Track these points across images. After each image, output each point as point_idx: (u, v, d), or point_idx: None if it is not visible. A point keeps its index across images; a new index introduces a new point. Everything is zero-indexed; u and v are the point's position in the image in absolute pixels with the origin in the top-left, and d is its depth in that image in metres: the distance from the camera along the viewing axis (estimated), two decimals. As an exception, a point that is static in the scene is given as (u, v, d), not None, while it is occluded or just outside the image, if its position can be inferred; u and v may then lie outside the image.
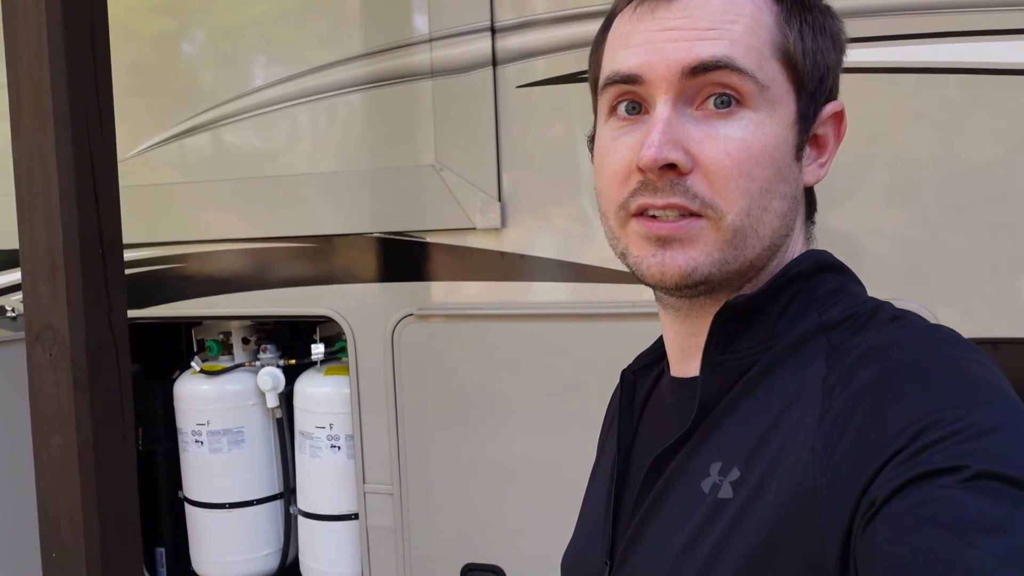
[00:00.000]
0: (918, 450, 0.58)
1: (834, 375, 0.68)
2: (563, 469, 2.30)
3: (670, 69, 0.73)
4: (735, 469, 0.71)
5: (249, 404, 2.82)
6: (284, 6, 2.60)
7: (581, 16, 2.19)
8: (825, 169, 0.80)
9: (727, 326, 0.77)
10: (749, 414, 0.73)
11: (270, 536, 2.87)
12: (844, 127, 0.81)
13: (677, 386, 0.84)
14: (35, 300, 1.80)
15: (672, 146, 0.72)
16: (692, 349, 0.81)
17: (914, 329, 0.72)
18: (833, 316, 0.75)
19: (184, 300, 2.76)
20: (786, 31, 0.75)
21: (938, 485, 0.56)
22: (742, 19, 0.74)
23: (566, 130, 2.30)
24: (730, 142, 0.72)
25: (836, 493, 0.62)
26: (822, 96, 0.78)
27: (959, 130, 1.98)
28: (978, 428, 0.58)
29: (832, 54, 0.79)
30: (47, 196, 1.77)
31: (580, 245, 2.27)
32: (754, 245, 0.75)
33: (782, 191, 0.76)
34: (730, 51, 0.72)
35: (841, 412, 0.65)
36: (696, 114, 0.74)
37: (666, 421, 0.83)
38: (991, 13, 1.87)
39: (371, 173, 2.47)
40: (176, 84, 2.76)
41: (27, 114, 1.77)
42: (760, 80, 0.73)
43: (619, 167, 0.76)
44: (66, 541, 1.81)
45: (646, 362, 0.92)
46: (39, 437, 1.82)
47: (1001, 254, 1.94)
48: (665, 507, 0.76)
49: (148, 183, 2.69)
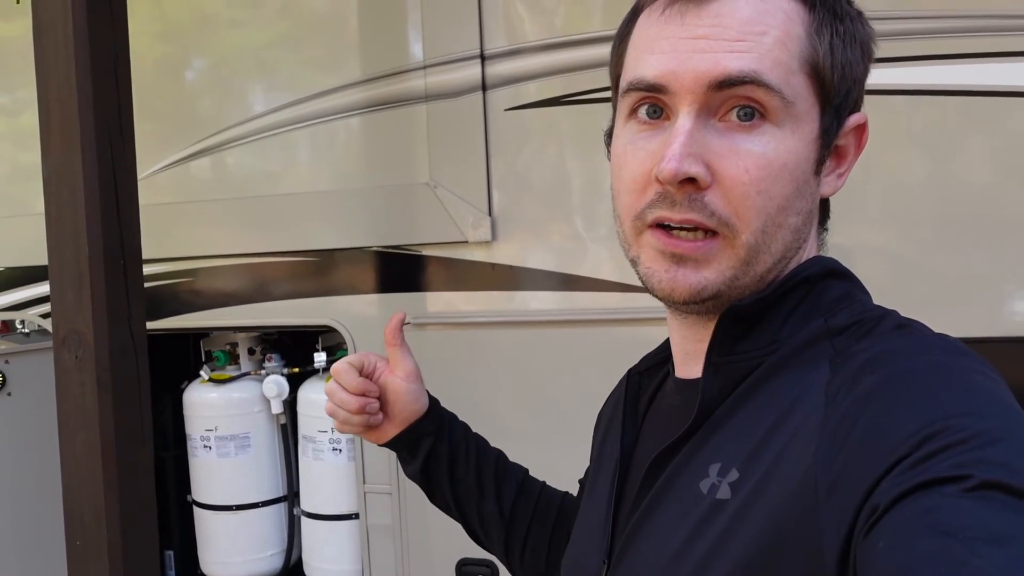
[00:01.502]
0: (922, 458, 0.57)
1: (838, 380, 0.68)
2: (552, 470, 2.42)
3: (696, 81, 0.71)
4: (734, 470, 0.70)
5: (255, 411, 2.95)
6: (288, 36, 2.77)
7: (565, 44, 2.35)
8: (843, 180, 0.79)
9: (732, 328, 0.76)
10: (751, 416, 0.72)
11: (275, 537, 2.99)
12: (866, 137, 0.79)
13: (681, 387, 0.83)
14: (62, 307, 1.96)
15: (692, 159, 0.70)
16: (697, 352, 0.79)
17: (919, 337, 0.71)
18: (839, 322, 0.74)
19: (192, 312, 2.90)
20: (816, 44, 0.73)
21: (942, 494, 0.55)
22: (772, 30, 0.71)
23: (552, 150, 2.44)
24: (751, 158, 0.71)
25: (837, 498, 0.61)
26: (847, 109, 0.76)
27: (949, 151, 2.04)
28: (983, 438, 0.57)
29: (860, 65, 0.76)
30: (74, 211, 1.93)
31: (566, 257, 2.40)
32: (766, 261, 0.74)
33: (799, 207, 0.74)
34: (758, 65, 0.70)
35: (844, 417, 0.64)
36: (719, 125, 0.72)
37: (668, 421, 0.82)
38: (982, 37, 1.95)
39: (370, 191, 2.62)
40: (187, 109, 2.92)
41: (56, 136, 1.94)
42: (786, 96, 0.71)
43: (638, 175, 0.74)
44: (89, 530, 1.95)
45: (652, 363, 0.92)
46: (65, 434, 1.97)
47: (991, 272, 2.00)
48: (663, 507, 0.76)
49: (160, 202, 2.84)
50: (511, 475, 1.19)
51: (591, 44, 2.32)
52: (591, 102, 2.31)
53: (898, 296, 0.86)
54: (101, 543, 1.92)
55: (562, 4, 2.43)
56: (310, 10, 2.74)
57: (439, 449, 1.15)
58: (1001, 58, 1.96)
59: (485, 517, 1.15)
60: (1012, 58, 1.95)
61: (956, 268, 2.05)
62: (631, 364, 0.98)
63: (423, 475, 1.15)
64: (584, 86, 2.31)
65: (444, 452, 1.15)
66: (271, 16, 2.81)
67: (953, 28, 1.99)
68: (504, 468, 1.20)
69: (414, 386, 1.14)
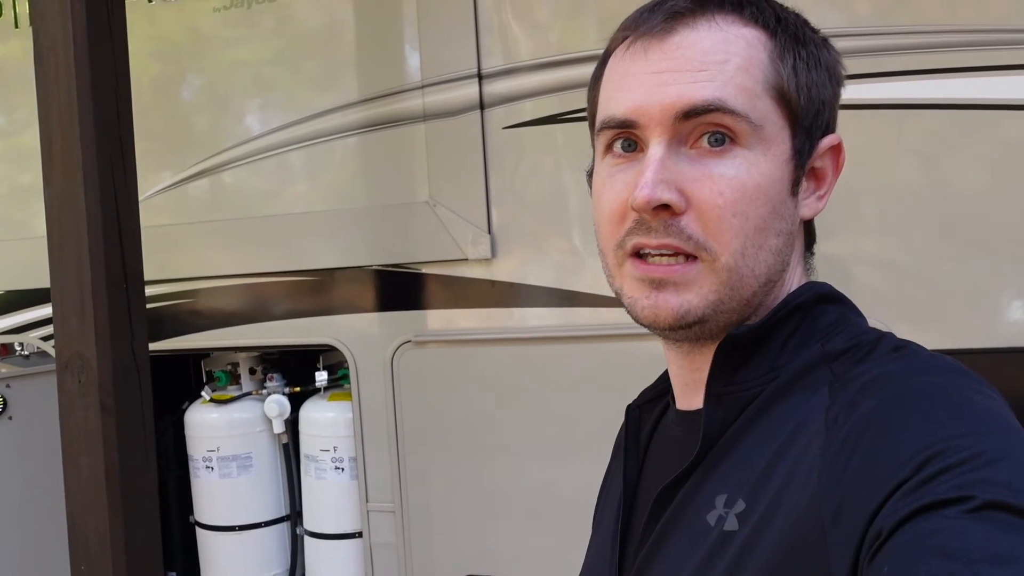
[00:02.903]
0: (924, 480, 0.57)
1: (837, 405, 0.68)
2: (554, 486, 2.44)
3: (663, 113, 0.72)
4: (740, 501, 0.70)
5: (257, 431, 2.95)
6: (286, 56, 2.79)
7: (559, 63, 2.37)
8: (824, 202, 0.80)
9: (730, 357, 0.76)
10: (753, 445, 0.72)
11: (278, 556, 2.99)
12: (842, 159, 0.80)
13: (682, 419, 0.83)
14: (65, 331, 1.96)
15: (665, 186, 0.71)
16: (696, 383, 0.80)
17: (917, 358, 0.71)
18: (835, 346, 0.74)
19: (193, 333, 2.91)
20: (780, 68, 0.74)
21: (945, 516, 0.55)
22: (734, 58, 0.73)
23: (550, 167, 2.46)
24: (723, 181, 0.72)
25: (842, 524, 0.61)
26: (819, 131, 0.77)
27: (942, 162, 2.07)
28: (984, 458, 0.57)
29: (828, 88, 0.78)
30: (76, 236, 1.94)
31: (565, 273, 2.42)
32: (750, 284, 0.74)
33: (777, 228, 0.75)
34: (721, 93, 0.72)
35: (846, 441, 0.64)
36: (690, 152, 0.73)
37: (672, 454, 0.82)
38: (971, 52, 1.98)
39: (370, 210, 2.63)
40: (186, 129, 2.93)
41: (58, 163, 1.95)
42: (753, 120, 0.72)
43: (615, 206, 0.76)
44: (94, 555, 1.95)
45: (651, 396, 0.91)
46: (69, 458, 1.97)
47: (984, 280, 2.02)
48: (671, 541, 0.75)
49: (160, 224, 2.85)
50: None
51: (586, 62, 2.33)
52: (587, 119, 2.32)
53: (893, 305, 0.87)
54: (106, 568, 1.93)
55: (557, 22, 2.45)
56: (307, 31, 2.76)
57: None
58: (990, 72, 1.98)
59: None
60: (1001, 72, 1.98)
61: (950, 277, 2.06)
62: (631, 379, 0.98)
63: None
64: (580, 104, 2.31)
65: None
66: (267, 36, 2.83)
67: (943, 43, 2.02)
68: None
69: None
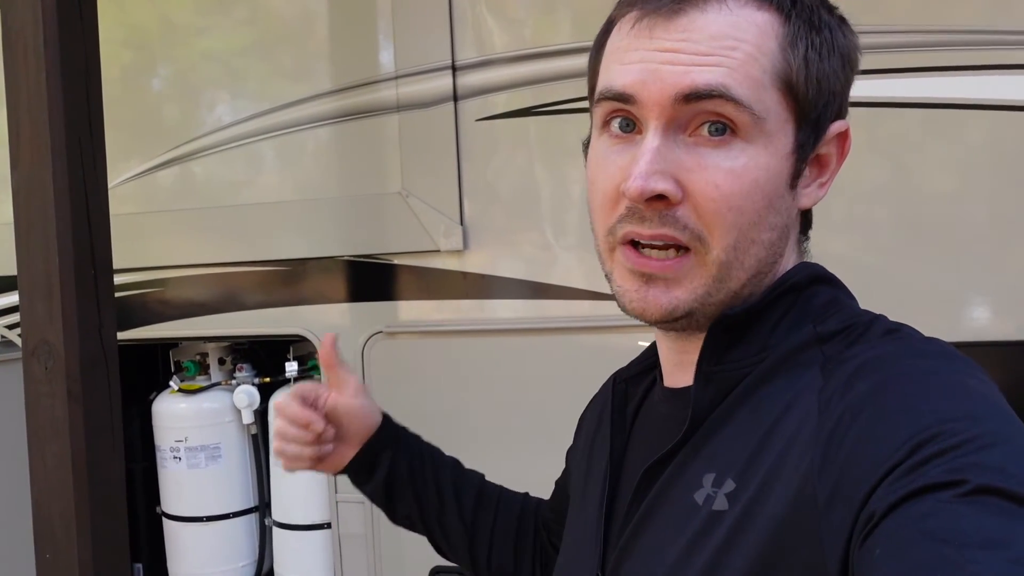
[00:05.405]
0: (917, 463, 0.57)
1: (831, 387, 0.67)
2: (524, 477, 2.44)
3: (663, 93, 0.70)
4: (729, 480, 0.69)
5: (226, 421, 2.94)
6: (258, 45, 2.78)
7: (533, 56, 2.38)
8: (825, 189, 0.78)
9: (722, 337, 0.75)
10: (743, 425, 0.72)
11: (246, 547, 2.97)
12: (848, 147, 0.78)
13: (670, 396, 0.82)
14: (32, 318, 1.94)
15: (659, 176, 0.69)
16: (685, 363, 0.79)
17: (910, 342, 0.71)
18: (828, 328, 0.73)
19: (162, 323, 2.89)
20: (790, 58, 0.71)
21: (937, 499, 0.55)
22: (743, 45, 0.70)
23: (523, 159, 2.47)
24: (720, 173, 0.70)
25: (835, 506, 0.61)
26: (827, 121, 0.75)
27: (911, 161, 2.10)
28: (978, 442, 0.57)
29: (841, 75, 0.75)
30: (44, 222, 1.92)
31: (537, 265, 2.43)
32: (739, 277, 0.73)
33: (771, 222, 0.73)
34: (726, 79, 0.69)
35: (838, 424, 0.64)
36: (688, 140, 0.71)
37: (659, 431, 0.81)
38: (942, 52, 2.01)
39: (342, 200, 2.63)
40: (156, 118, 2.91)
41: (26, 147, 1.92)
42: (757, 111, 0.70)
43: (608, 189, 0.74)
44: (60, 543, 1.93)
45: (639, 369, 0.90)
46: (35, 446, 1.95)
47: (952, 280, 2.05)
48: (657, 518, 0.75)
49: (129, 212, 2.83)
50: (469, 482, 1.17)
51: (560, 56, 2.35)
52: (560, 113, 2.34)
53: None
54: (72, 556, 1.91)
55: (531, 16, 2.46)
56: (281, 20, 2.74)
57: (398, 461, 1.12)
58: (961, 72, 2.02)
59: (448, 528, 1.14)
60: (973, 71, 2.01)
61: (915, 275, 2.10)
62: (602, 371, 0.96)
63: (385, 490, 1.13)
64: (553, 97, 2.35)
65: (403, 464, 1.13)
66: (240, 25, 2.81)
67: (915, 43, 2.05)
68: (461, 476, 1.18)
69: (365, 401, 1.12)
